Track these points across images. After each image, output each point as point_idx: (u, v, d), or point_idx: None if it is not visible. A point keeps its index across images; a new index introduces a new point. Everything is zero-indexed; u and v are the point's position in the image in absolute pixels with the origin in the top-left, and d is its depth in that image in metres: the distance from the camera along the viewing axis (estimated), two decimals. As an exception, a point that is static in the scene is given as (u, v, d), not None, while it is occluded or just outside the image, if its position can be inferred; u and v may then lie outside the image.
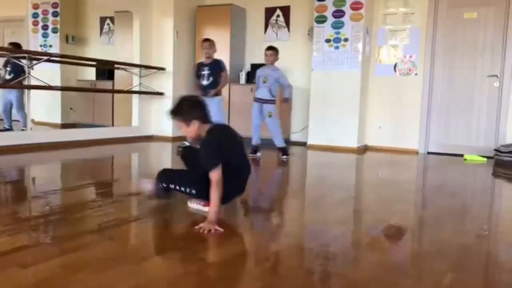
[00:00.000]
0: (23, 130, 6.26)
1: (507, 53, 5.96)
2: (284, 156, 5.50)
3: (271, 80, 5.50)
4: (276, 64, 5.63)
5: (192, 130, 2.59)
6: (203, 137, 2.60)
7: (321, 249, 2.24)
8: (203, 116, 2.63)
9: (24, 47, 6.48)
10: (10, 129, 6.74)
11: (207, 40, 5.74)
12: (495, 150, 5.74)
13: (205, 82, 5.62)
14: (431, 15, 6.34)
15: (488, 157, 5.86)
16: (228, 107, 7.17)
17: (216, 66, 5.62)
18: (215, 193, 2.45)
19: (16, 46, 6.40)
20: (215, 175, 2.47)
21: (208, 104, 5.53)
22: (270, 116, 5.54)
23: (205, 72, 5.61)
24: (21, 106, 6.57)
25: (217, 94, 5.64)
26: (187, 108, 2.61)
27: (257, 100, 5.59)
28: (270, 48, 5.58)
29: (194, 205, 2.83)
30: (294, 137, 7.22)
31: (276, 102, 5.64)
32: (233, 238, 2.38)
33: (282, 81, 5.58)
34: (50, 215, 2.73)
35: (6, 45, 7.46)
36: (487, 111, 6.15)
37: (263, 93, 5.54)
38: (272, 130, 5.61)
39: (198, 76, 5.69)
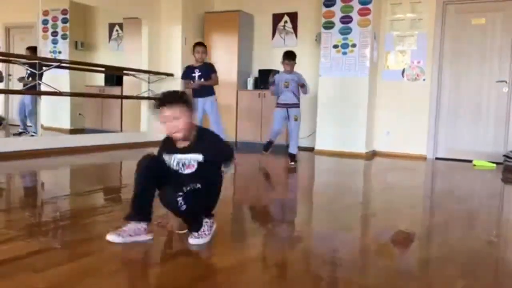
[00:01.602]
0: (33, 135, 6.31)
1: (516, 58, 5.95)
2: (292, 163, 5.47)
3: (293, 84, 5.40)
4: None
5: (187, 123, 2.23)
6: (193, 136, 2.26)
7: (329, 255, 2.24)
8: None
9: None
10: (24, 132, 6.79)
11: (200, 44, 5.73)
12: (504, 156, 5.71)
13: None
14: (439, 21, 6.34)
15: (497, 163, 5.83)
16: (236, 113, 7.20)
17: (207, 69, 5.59)
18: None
19: (33, 51, 6.48)
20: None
21: (202, 103, 5.59)
22: (296, 120, 5.46)
23: (196, 74, 5.59)
24: (34, 112, 6.64)
25: (210, 93, 5.63)
26: (187, 97, 2.27)
27: (282, 105, 5.46)
28: (291, 58, 5.37)
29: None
30: (301, 143, 7.19)
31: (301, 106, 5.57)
32: (241, 244, 2.39)
33: (303, 81, 5.43)
34: (61, 220, 2.75)
35: (15, 51, 7.54)
36: (496, 117, 6.12)
37: (288, 97, 5.42)
38: (292, 134, 5.51)
39: (188, 78, 5.65)
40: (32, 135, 6.37)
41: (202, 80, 5.54)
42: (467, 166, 5.83)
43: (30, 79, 6.58)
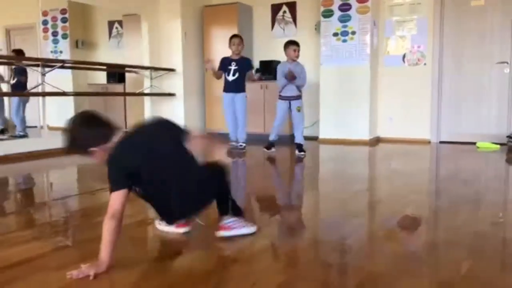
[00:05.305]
0: (21, 135, 6.47)
1: (516, 39, 5.93)
2: (302, 153, 5.47)
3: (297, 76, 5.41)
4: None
5: (99, 157, 2.08)
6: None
7: (338, 242, 2.29)
8: (103, 135, 2.03)
9: (35, 54, 6.58)
10: (25, 135, 6.85)
11: (237, 36, 5.80)
12: (508, 137, 5.72)
13: (230, 78, 5.68)
14: (438, 4, 6.32)
15: (501, 144, 5.84)
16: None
17: (244, 64, 5.71)
18: (106, 226, 1.93)
19: (18, 53, 6.60)
20: (112, 201, 2.02)
21: (233, 100, 5.63)
22: (299, 110, 5.51)
23: (232, 67, 5.63)
24: (18, 111, 6.85)
25: (242, 90, 5.72)
26: (79, 138, 2.01)
27: (285, 98, 5.49)
28: (297, 43, 5.47)
29: (164, 226, 2.41)
30: (305, 132, 7.19)
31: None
32: (251, 235, 2.43)
33: (303, 76, 5.49)
34: (71, 220, 2.80)
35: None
36: (498, 98, 6.13)
37: (291, 90, 5.46)
38: (296, 125, 5.57)
39: (224, 70, 5.70)
40: (21, 136, 6.49)
41: (237, 74, 5.63)
42: (471, 149, 5.84)
43: (16, 79, 6.75)
